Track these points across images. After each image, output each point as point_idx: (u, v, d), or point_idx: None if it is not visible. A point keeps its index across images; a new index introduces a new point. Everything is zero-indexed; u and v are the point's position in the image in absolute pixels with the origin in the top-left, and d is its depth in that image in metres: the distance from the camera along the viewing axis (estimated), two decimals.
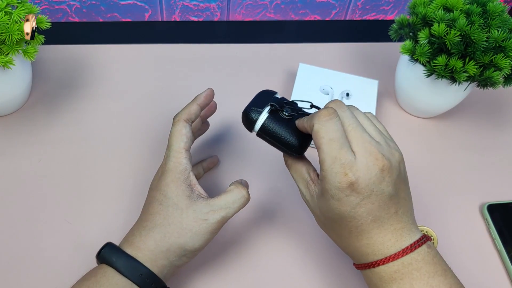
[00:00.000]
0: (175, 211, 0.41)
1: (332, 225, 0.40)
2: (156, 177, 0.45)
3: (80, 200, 0.54)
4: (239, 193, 0.43)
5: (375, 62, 0.72)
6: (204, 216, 0.41)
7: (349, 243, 0.40)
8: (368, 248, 0.39)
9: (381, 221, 0.38)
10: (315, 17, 0.81)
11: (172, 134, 0.45)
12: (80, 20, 0.76)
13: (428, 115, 0.65)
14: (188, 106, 0.47)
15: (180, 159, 0.44)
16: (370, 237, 0.38)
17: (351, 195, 0.37)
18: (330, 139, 0.37)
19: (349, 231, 0.39)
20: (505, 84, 0.55)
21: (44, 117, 0.61)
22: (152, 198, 0.43)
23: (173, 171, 0.43)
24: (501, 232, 0.54)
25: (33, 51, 0.53)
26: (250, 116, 0.43)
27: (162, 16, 0.77)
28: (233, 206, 0.43)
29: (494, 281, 0.51)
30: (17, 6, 0.52)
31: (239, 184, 0.45)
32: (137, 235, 0.41)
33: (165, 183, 0.43)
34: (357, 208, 0.37)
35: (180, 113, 0.47)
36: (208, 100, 0.49)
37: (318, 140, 0.38)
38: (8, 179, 0.55)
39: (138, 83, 0.66)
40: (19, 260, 0.49)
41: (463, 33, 0.51)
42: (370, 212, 0.37)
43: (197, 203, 0.42)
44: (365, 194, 0.37)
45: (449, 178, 0.59)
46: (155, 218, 0.42)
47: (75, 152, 0.58)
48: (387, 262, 0.38)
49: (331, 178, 0.37)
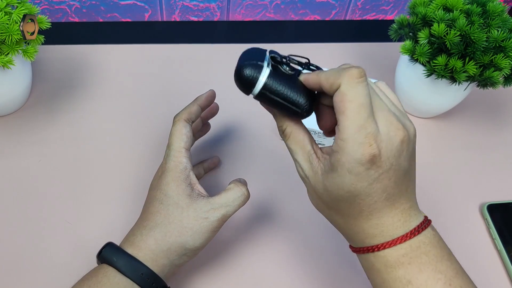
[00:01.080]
0: (176, 210, 0.41)
1: (338, 204, 0.36)
2: (156, 177, 0.45)
3: (80, 200, 0.54)
4: (239, 191, 0.43)
5: (375, 62, 0.72)
6: (205, 214, 0.41)
7: (355, 224, 0.36)
8: (377, 228, 0.35)
9: (393, 199, 0.35)
10: (315, 17, 0.81)
11: (172, 134, 0.46)
12: (80, 20, 0.76)
13: (428, 115, 0.65)
14: (189, 106, 0.48)
15: (180, 158, 0.44)
16: (381, 216, 0.35)
17: (371, 168, 0.33)
18: (360, 105, 0.32)
19: (360, 210, 0.35)
20: (505, 84, 0.55)
21: (44, 117, 0.61)
22: (153, 198, 0.43)
23: (173, 170, 0.43)
24: (501, 232, 0.54)
25: (33, 51, 0.53)
26: (246, 74, 0.34)
27: (162, 16, 0.77)
28: (233, 204, 0.43)
29: (494, 281, 0.51)
30: (17, 6, 0.52)
31: (239, 182, 0.45)
32: (138, 235, 0.41)
33: (165, 182, 0.43)
34: (374, 184, 0.33)
35: (180, 113, 0.47)
36: (209, 101, 0.49)
37: (344, 104, 0.32)
38: (7, 179, 0.55)
39: (137, 83, 0.66)
40: (19, 260, 0.49)
41: (463, 33, 0.51)
42: (385, 189, 0.34)
43: (197, 201, 0.42)
44: (385, 168, 0.33)
45: (449, 178, 0.59)
46: (155, 217, 0.42)
47: (75, 152, 0.58)
48: (394, 245, 0.35)
49: (352, 149, 0.32)
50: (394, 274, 0.35)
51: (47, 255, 0.49)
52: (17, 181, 0.54)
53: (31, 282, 0.47)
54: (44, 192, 0.54)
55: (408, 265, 0.35)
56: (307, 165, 0.36)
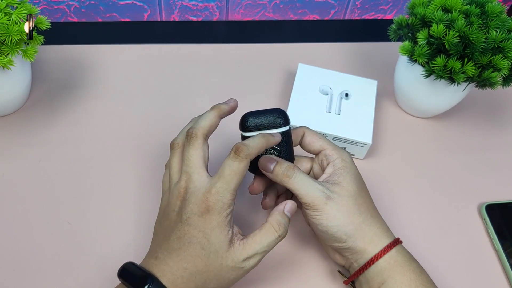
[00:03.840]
0: (216, 260, 0.40)
1: (360, 193, 0.45)
2: (193, 208, 0.40)
3: (80, 200, 0.54)
4: (273, 234, 0.41)
5: (374, 62, 0.72)
6: (241, 264, 0.40)
7: (372, 222, 0.44)
8: (382, 228, 0.45)
9: (376, 210, 0.47)
10: (314, 17, 0.81)
11: (230, 168, 0.41)
12: (79, 20, 0.76)
13: (427, 115, 0.65)
14: (209, 116, 0.44)
15: (231, 200, 0.40)
16: (377, 222, 0.45)
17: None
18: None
19: (370, 202, 0.46)
20: (504, 85, 0.55)
21: (43, 117, 0.61)
22: (193, 238, 0.40)
23: (220, 214, 0.40)
24: (499, 232, 0.54)
25: (33, 52, 0.53)
26: (247, 124, 0.46)
27: (161, 16, 0.77)
28: (268, 249, 0.41)
29: (492, 281, 0.51)
30: (17, 6, 0.52)
31: (277, 219, 0.42)
32: (178, 276, 0.40)
33: (210, 227, 0.40)
34: (364, 185, 0.48)
35: (198, 126, 0.43)
36: (230, 112, 0.47)
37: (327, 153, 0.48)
38: (7, 179, 0.55)
39: (137, 83, 0.66)
40: (19, 261, 0.49)
41: (462, 34, 0.51)
42: (369, 198, 0.47)
43: (234, 249, 0.40)
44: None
45: (447, 178, 0.60)
46: (196, 263, 0.40)
47: (75, 152, 0.58)
48: (389, 250, 0.43)
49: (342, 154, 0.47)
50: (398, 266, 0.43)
51: (47, 256, 0.49)
52: (17, 181, 0.55)
53: (31, 282, 0.47)
54: (44, 193, 0.54)
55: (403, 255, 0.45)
56: (323, 188, 0.44)
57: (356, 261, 0.45)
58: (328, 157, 0.47)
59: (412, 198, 0.57)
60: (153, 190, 0.54)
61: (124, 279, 0.40)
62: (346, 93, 0.62)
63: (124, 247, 0.50)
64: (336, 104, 0.61)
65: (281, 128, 0.45)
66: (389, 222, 0.47)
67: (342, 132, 0.57)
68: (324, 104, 0.60)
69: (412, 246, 0.51)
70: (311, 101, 0.61)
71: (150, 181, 0.55)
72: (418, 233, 0.54)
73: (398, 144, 0.62)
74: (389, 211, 0.55)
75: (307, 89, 0.62)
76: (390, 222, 0.47)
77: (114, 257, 0.49)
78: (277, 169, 0.44)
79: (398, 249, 0.44)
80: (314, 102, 0.61)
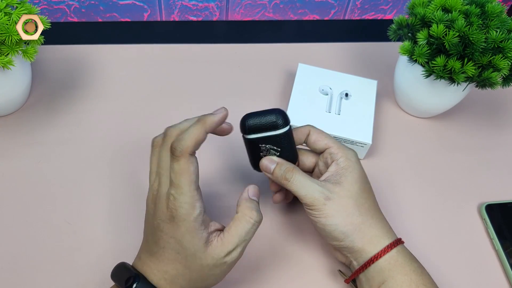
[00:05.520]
0: (195, 261, 0.39)
1: (362, 195, 0.45)
2: (160, 216, 0.40)
3: (81, 200, 0.54)
4: (247, 223, 0.40)
5: (374, 62, 0.72)
6: (223, 259, 0.40)
7: (372, 222, 0.45)
8: (383, 229, 0.45)
9: (379, 211, 0.47)
10: (314, 17, 0.81)
11: (178, 174, 0.38)
12: (79, 20, 0.76)
13: (426, 115, 0.65)
14: (193, 132, 0.39)
15: (192, 204, 0.39)
16: (382, 219, 0.46)
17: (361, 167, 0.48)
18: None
19: (372, 202, 0.46)
20: (504, 85, 0.55)
21: (43, 117, 0.61)
22: (166, 244, 0.40)
23: (186, 220, 0.39)
24: (499, 232, 0.54)
25: (33, 52, 0.53)
26: (248, 126, 0.46)
27: (161, 16, 0.77)
28: (248, 238, 0.41)
29: (492, 281, 0.51)
30: (17, 6, 0.52)
31: (246, 206, 0.41)
32: (161, 278, 0.40)
33: (179, 234, 0.39)
34: (369, 185, 0.48)
35: (182, 143, 0.38)
36: (219, 124, 0.42)
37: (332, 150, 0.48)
38: (7, 179, 0.55)
39: (137, 83, 0.66)
40: (19, 261, 0.49)
41: (462, 34, 0.51)
42: (373, 196, 0.47)
43: (212, 247, 0.39)
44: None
45: (447, 178, 0.60)
46: (175, 266, 0.40)
47: (75, 152, 0.58)
48: (389, 251, 0.44)
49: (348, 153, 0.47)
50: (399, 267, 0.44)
51: (47, 255, 0.49)
52: (17, 182, 0.55)
53: (31, 283, 0.47)
54: (44, 193, 0.54)
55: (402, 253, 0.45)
56: (322, 189, 0.44)
57: (355, 260, 0.45)
58: (333, 155, 0.46)
59: (412, 198, 0.57)
60: None
61: (114, 280, 0.41)
62: (346, 93, 0.62)
63: (123, 247, 0.50)
64: (336, 104, 0.61)
65: (281, 128, 0.45)
66: (389, 221, 0.47)
67: (342, 132, 0.57)
68: (324, 104, 0.60)
69: (412, 246, 0.51)
70: (311, 101, 0.61)
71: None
72: (417, 233, 0.54)
73: (398, 144, 0.62)
74: (389, 211, 0.55)
75: (307, 89, 0.62)
76: (390, 221, 0.47)
77: (114, 257, 0.49)
78: (276, 171, 0.45)
79: (399, 249, 0.44)
80: (314, 102, 0.61)
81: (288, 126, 0.46)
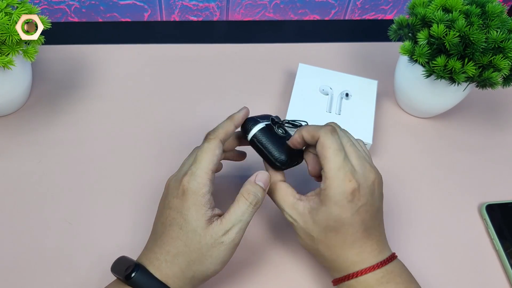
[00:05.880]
0: (195, 238, 0.41)
1: (326, 235, 0.42)
2: (173, 192, 0.43)
3: (81, 200, 0.54)
4: (244, 203, 0.42)
5: (375, 62, 0.72)
6: (221, 239, 0.41)
7: (341, 252, 0.42)
8: (359, 255, 0.42)
9: (369, 231, 0.42)
10: (314, 17, 0.81)
11: (204, 151, 0.43)
12: (80, 20, 0.76)
13: (427, 115, 0.65)
14: (226, 125, 0.45)
15: (205, 180, 0.42)
16: (361, 245, 0.42)
17: (352, 201, 0.41)
18: (337, 149, 0.41)
19: (344, 239, 0.42)
20: (504, 85, 0.55)
21: (44, 117, 0.61)
22: (173, 220, 0.42)
23: (196, 194, 0.41)
24: (500, 232, 0.54)
25: (33, 52, 0.53)
26: (247, 125, 0.47)
27: (162, 16, 0.77)
28: (244, 218, 0.42)
29: (493, 281, 0.51)
30: (17, 6, 0.52)
31: (246, 188, 0.43)
32: (162, 260, 0.41)
33: (186, 207, 0.41)
34: (355, 215, 0.41)
35: (216, 131, 0.45)
36: (244, 118, 0.47)
37: (325, 150, 0.41)
38: (8, 179, 0.55)
39: (137, 83, 0.66)
40: (19, 261, 0.49)
41: (462, 34, 0.51)
42: (363, 221, 0.41)
43: (212, 226, 0.41)
44: (363, 202, 0.41)
45: (447, 178, 0.60)
46: (177, 244, 0.41)
47: (75, 152, 0.58)
48: (373, 270, 0.41)
49: (337, 184, 0.40)
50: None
51: (47, 255, 0.49)
52: (17, 181, 0.55)
53: (32, 283, 0.47)
54: (45, 193, 0.54)
55: (387, 283, 0.41)
56: (293, 212, 0.44)
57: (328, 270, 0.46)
58: (323, 181, 0.42)
59: (413, 198, 0.57)
60: (153, 189, 0.54)
61: (114, 272, 0.42)
62: (346, 93, 0.62)
63: (124, 246, 0.50)
64: (336, 104, 0.61)
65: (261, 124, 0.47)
66: (389, 222, 0.47)
67: None
68: (324, 104, 0.60)
69: (412, 246, 0.51)
70: (312, 101, 0.61)
71: (150, 181, 0.55)
72: (418, 233, 0.54)
73: (398, 144, 0.62)
74: (389, 211, 0.55)
75: (307, 89, 0.62)
76: (390, 222, 0.47)
77: (114, 257, 0.49)
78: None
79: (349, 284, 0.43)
80: (314, 102, 0.61)
81: (264, 123, 0.47)
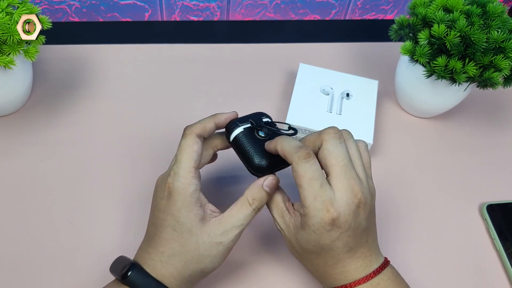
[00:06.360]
0: (191, 238, 0.40)
1: (308, 255, 0.41)
2: (160, 194, 0.42)
3: (82, 200, 0.54)
4: (247, 208, 0.41)
5: (375, 62, 0.72)
6: (219, 238, 0.40)
7: (323, 271, 0.42)
8: (342, 274, 0.41)
9: (354, 250, 0.40)
10: (315, 17, 0.81)
11: (182, 149, 0.42)
12: (80, 20, 0.76)
13: (427, 115, 0.65)
14: (204, 120, 0.44)
15: (189, 179, 0.41)
16: (344, 265, 0.41)
17: (332, 230, 0.38)
18: (310, 178, 0.38)
19: (325, 261, 0.41)
20: (505, 85, 0.55)
21: (44, 117, 0.61)
22: (163, 222, 0.41)
23: (182, 194, 0.40)
24: (501, 232, 0.54)
25: (34, 51, 0.53)
26: (228, 127, 0.45)
27: (162, 16, 0.77)
28: (245, 222, 0.41)
29: (493, 281, 0.51)
30: (18, 6, 0.52)
31: (252, 192, 0.42)
32: (157, 261, 0.40)
33: (176, 208, 0.40)
34: (336, 241, 0.39)
35: (193, 126, 0.43)
36: (227, 120, 0.45)
37: (299, 179, 0.39)
38: (8, 179, 0.55)
39: (138, 82, 0.66)
40: (20, 261, 0.49)
41: (463, 34, 0.51)
42: (346, 244, 0.40)
43: (210, 225, 0.40)
44: (344, 228, 0.39)
45: (448, 178, 0.60)
46: (171, 245, 0.40)
47: (76, 152, 0.58)
48: (358, 284, 0.40)
49: (313, 214, 0.38)
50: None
51: (47, 256, 0.49)
52: (18, 181, 0.55)
53: (32, 283, 0.47)
54: (45, 193, 0.54)
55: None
56: (281, 220, 0.42)
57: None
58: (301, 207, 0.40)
59: (413, 198, 0.57)
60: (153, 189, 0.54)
61: (112, 271, 0.42)
62: (347, 93, 0.62)
63: (124, 246, 0.50)
64: (337, 104, 0.61)
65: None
66: (389, 222, 0.47)
67: None
68: (325, 104, 0.60)
69: (412, 246, 0.51)
70: (312, 101, 0.61)
71: (150, 181, 0.55)
72: (418, 233, 0.54)
73: (399, 144, 0.62)
74: (389, 211, 0.55)
75: (308, 89, 0.62)
76: (390, 222, 0.47)
77: (115, 257, 0.49)
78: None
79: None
80: (315, 102, 0.61)
81: (243, 126, 0.44)
